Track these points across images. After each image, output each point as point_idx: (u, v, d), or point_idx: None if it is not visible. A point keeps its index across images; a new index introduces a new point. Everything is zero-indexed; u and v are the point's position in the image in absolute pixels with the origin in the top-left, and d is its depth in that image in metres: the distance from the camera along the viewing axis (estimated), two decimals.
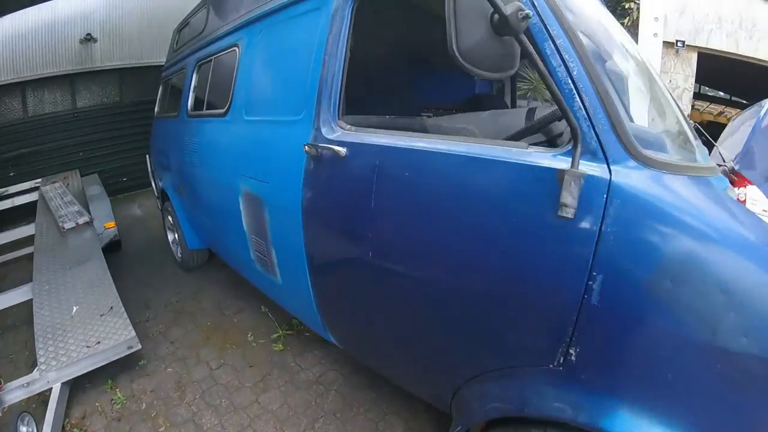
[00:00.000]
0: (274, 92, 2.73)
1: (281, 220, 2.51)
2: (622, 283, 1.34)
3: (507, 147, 1.55)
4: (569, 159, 1.39)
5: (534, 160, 1.46)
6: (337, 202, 2.13)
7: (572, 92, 1.39)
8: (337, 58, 2.09)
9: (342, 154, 1.98)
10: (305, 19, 2.36)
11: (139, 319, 3.88)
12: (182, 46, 4.65)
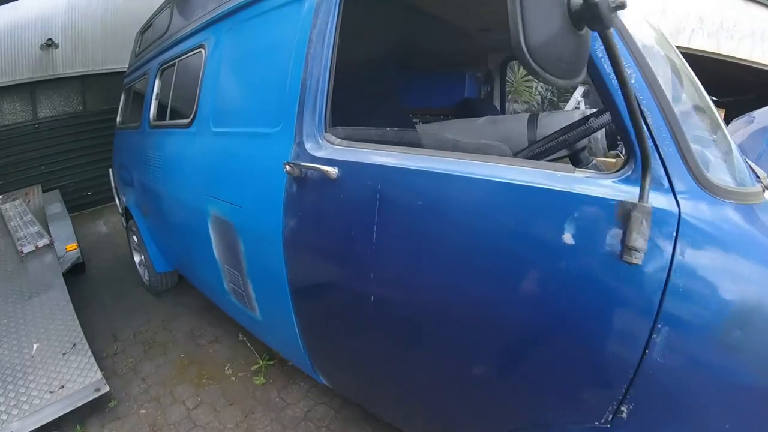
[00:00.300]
0: (245, 99, 2.37)
1: (258, 251, 2.18)
2: (690, 335, 1.16)
3: (550, 170, 1.31)
4: (630, 188, 1.20)
5: (587, 188, 1.24)
6: (328, 233, 1.80)
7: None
8: (322, 58, 1.77)
9: (333, 176, 1.65)
10: (283, 12, 2.02)
11: (106, 352, 3.52)
12: (145, 49, 4.25)
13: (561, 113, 2.90)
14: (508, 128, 2.87)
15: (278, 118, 1.94)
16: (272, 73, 2.04)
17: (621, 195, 1.20)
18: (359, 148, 1.67)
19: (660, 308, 1.16)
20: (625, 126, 1.21)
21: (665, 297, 1.15)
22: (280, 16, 2.04)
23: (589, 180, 1.25)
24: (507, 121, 2.96)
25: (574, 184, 1.25)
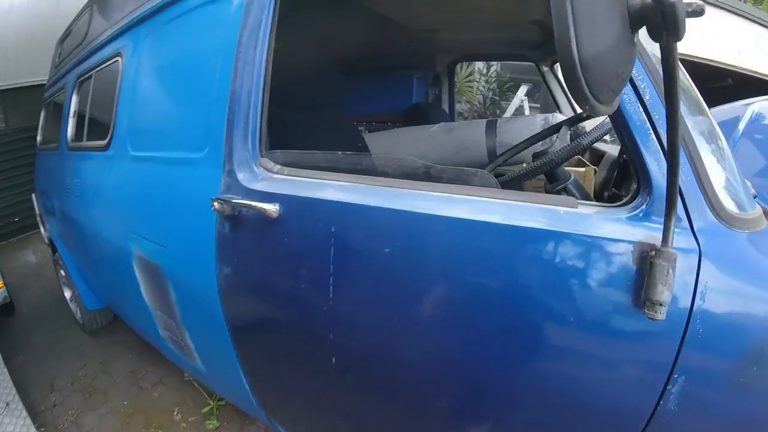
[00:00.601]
0: (166, 118, 2.00)
1: (191, 300, 1.83)
2: (707, 379, 1.08)
3: (550, 206, 1.13)
4: (646, 226, 1.07)
5: (599, 229, 1.08)
6: (272, 286, 1.51)
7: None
8: (254, 65, 1.47)
9: (273, 214, 1.35)
10: (208, 11, 1.71)
11: (44, 404, 3.09)
12: (64, 59, 3.73)
13: (520, 119, 2.69)
14: (465, 136, 2.65)
15: (203, 140, 1.62)
16: (196, 84, 1.72)
17: (638, 235, 1.05)
18: (305, 178, 1.39)
19: (677, 358, 1.04)
20: (643, 157, 1.08)
21: (683, 346, 1.04)
22: (206, 15, 1.73)
23: (598, 217, 1.10)
24: (463, 128, 2.73)
25: (582, 224, 1.08)
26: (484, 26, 3.00)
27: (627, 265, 1.04)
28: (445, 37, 3.28)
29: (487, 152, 2.62)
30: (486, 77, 9.65)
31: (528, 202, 1.14)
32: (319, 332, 1.43)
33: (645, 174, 1.09)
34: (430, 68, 3.99)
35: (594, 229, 1.08)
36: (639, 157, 1.09)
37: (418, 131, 2.75)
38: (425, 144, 2.65)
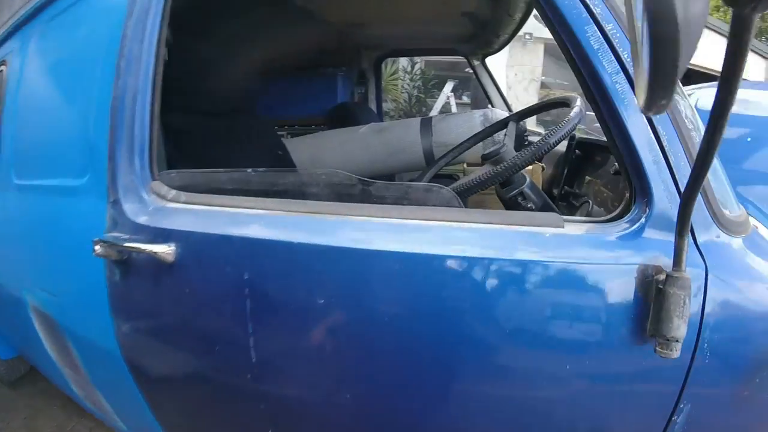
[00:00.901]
0: (48, 136, 1.57)
1: (94, 358, 1.44)
2: (714, 401, 0.99)
3: (533, 227, 0.94)
4: (644, 244, 0.92)
5: (594, 253, 0.92)
6: (180, 345, 1.20)
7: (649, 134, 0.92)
8: (141, 62, 1.16)
9: (168, 258, 1.03)
10: (86, 4, 1.39)
11: None
12: None
13: (458, 116, 2.47)
14: (397, 137, 2.41)
15: (84, 162, 1.27)
16: (75, 91, 1.39)
17: (639, 257, 0.90)
18: (208, 206, 1.07)
19: (684, 387, 0.94)
20: (641, 160, 0.92)
21: (690, 373, 0.92)
22: (90, 4, 1.40)
23: (591, 238, 0.93)
24: (395, 128, 2.49)
25: (573, 249, 0.92)
26: (411, 19, 2.81)
27: (628, 294, 0.90)
28: (371, 32, 3.05)
29: (423, 154, 2.39)
30: (411, 75, 9.52)
31: (503, 224, 0.94)
32: (240, 395, 1.15)
33: (642, 181, 0.92)
34: (355, 65, 3.74)
35: (588, 254, 0.92)
36: (635, 160, 0.92)
37: (346, 134, 2.49)
38: (354, 147, 2.40)
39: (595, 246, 0.93)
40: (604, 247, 0.93)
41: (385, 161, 2.39)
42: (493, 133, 1.77)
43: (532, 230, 0.94)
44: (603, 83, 0.92)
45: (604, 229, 0.95)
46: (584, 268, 0.91)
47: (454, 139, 2.30)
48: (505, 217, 0.98)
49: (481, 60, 3.24)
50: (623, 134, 0.93)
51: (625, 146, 0.93)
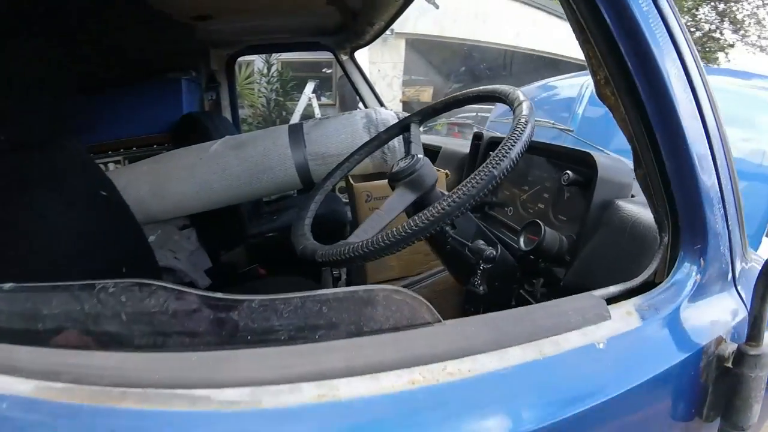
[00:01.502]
0: None
1: None
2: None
3: (564, 333, 0.68)
4: (700, 312, 0.80)
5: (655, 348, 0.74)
6: None
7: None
8: None
9: None
10: None
11: None
12: None
13: (334, 119, 1.97)
14: (262, 152, 1.89)
15: None
16: None
17: (704, 334, 0.77)
18: None
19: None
20: (701, 198, 0.79)
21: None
22: None
23: (652, 326, 0.75)
24: (256, 141, 1.93)
25: (639, 352, 0.73)
26: (269, 9, 2.44)
27: (688, 383, 0.76)
28: (221, 26, 2.59)
29: (297, 170, 1.90)
30: (267, 77, 9.04)
31: (525, 344, 0.65)
32: None
33: (697, 224, 0.80)
34: (203, 67, 3.18)
35: (658, 352, 0.74)
36: (693, 195, 0.79)
37: (195, 153, 1.91)
38: (207, 170, 1.85)
39: (658, 335, 0.75)
40: (669, 330, 0.76)
41: (248, 184, 1.88)
42: (390, 139, 1.44)
43: (578, 344, 0.67)
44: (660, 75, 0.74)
45: (655, 301, 0.78)
46: (655, 378, 0.71)
47: (334, 147, 1.89)
48: (521, 328, 0.68)
49: (349, 54, 3.00)
50: (681, 155, 0.77)
51: (681, 173, 0.78)
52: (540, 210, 1.48)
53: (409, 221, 0.80)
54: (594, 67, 0.80)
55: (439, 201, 0.81)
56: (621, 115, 0.80)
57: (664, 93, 0.74)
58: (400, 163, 1.04)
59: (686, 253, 0.82)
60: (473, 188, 0.80)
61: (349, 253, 0.83)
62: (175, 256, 2.20)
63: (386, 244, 0.80)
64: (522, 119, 0.91)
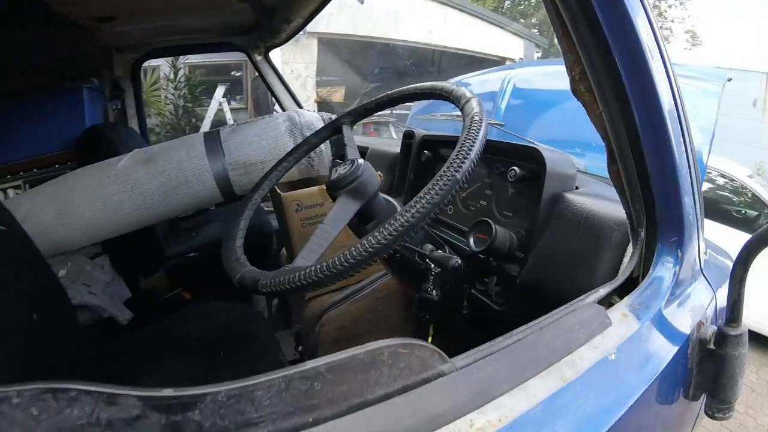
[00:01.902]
0: None
1: None
2: None
3: (577, 351, 0.68)
4: (684, 300, 0.88)
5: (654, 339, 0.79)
6: None
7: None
8: None
9: None
10: None
11: None
12: None
13: (253, 124, 1.82)
14: (176, 165, 1.71)
15: None
16: None
17: (686, 318, 0.84)
18: None
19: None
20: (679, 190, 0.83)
21: None
22: None
23: (649, 326, 0.77)
24: (169, 153, 1.73)
25: (644, 354, 0.76)
26: (178, 8, 2.27)
27: (678, 369, 0.80)
28: (126, 28, 2.36)
29: (216, 182, 1.73)
30: (175, 83, 8.68)
31: (546, 369, 0.63)
32: None
33: (676, 217, 0.84)
34: (106, 73, 2.91)
35: (658, 346, 0.78)
36: (672, 187, 0.82)
37: (102, 171, 1.70)
38: (115, 190, 1.65)
39: (654, 333, 0.79)
40: (661, 326, 0.80)
41: (163, 201, 1.69)
42: (320, 143, 1.37)
43: (592, 360, 0.67)
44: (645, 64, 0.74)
45: (643, 298, 0.81)
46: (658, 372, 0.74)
47: (256, 155, 1.75)
48: (535, 353, 0.65)
49: (264, 55, 2.87)
50: (664, 150, 0.79)
51: (662, 167, 0.80)
52: (483, 207, 1.44)
53: (369, 238, 0.72)
54: (570, 62, 0.79)
55: (401, 213, 0.73)
56: (596, 111, 0.79)
57: (650, 88, 0.74)
58: (339, 169, 0.95)
59: (664, 246, 0.85)
60: (437, 195, 0.73)
61: (300, 280, 0.73)
62: (90, 291, 1.97)
63: (344, 267, 0.71)
64: (475, 117, 0.86)
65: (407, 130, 1.87)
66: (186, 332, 1.50)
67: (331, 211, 0.89)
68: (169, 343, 1.48)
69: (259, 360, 1.41)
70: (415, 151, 1.74)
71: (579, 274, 0.99)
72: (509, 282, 1.24)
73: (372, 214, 1.01)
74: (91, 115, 2.72)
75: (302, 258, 0.81)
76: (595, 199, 1.09)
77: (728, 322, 0.78)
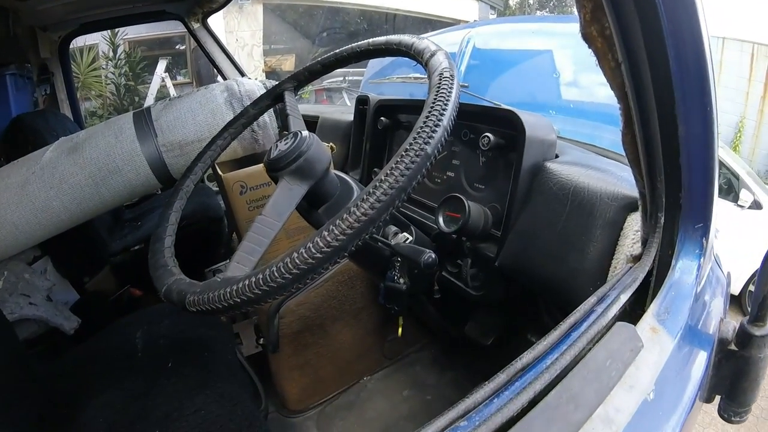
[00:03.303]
0: None
1: None
2: None
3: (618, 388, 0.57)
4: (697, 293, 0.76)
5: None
6: None
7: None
8: None
9: None
10: None
11: None
12: None
13: (187, 98, 1.64)
14: (104, 151, 1.52)
15: None
16: None
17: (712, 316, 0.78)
18: None
19: None
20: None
21: None
22: None
23: (678, 346, 0.66)
24: (97, 137, 1.56)
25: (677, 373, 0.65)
26: None
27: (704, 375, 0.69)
28: (49, 4, 2.19)
29: (150, 167, 1.56)
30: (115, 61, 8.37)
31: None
32: None
33: (705, 200, 0.71)
34: (31, 56, 2.69)
35: (687, 367, 0.67)
36: (703, 169, 0.68)
37: (26, 167, 1.51)
38: (42, 186, 1.47)
39: (687, 347, 0.68)
40: (692, 334, 0.70)
41: (95, 194, 1.51)
42: (260, 114, 1.19)
43: (631, 409, 0.55)
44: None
45: (669, 304, 0.69)
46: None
47: (193, 133, 1.57)
48: (569, 408, 0.52)
49: (201, 21, 2.69)
50: (703, 117, 0.63)
51: (697, 140, 0.64)
52: (451, 179, 1.32)
53: (317, 240, 0.56)
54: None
55: (357, 202, 0.57)
56: (610, 62, 0.60)
57: (695, 31, 0.56)
58: (279, 145, 0.80)
59: (686, 235, 0.72)
60: (403, 176, 0.58)
61: (233, 297, 0.58)
62: (30, 302, 1.79)
63: (286, 280, 0.56)
64: (444, 73, 0.71)
65: (360, 96, 1.73)
66: (133, 343, 1.38)
67: (271, 198, 0.74)
68: (115, 356, 1.36)
69: (215, 360, 1.30)
70: (371, 119, 1.61)
71: (569, 256, 0.88)
72: (485, 264, 1.13)
73: (323, 195, 0.87)
74: (18, 104, 2.56)
75: (237, 263, 0.65)
76: (582, 169, 0.96)
77: (755, 320, 0.68)
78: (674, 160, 0.64)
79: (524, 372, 0.54)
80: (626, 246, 0.81)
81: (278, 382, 1.63)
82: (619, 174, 0.96)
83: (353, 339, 1.67)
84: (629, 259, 0.77)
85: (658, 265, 0.72)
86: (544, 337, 0.61)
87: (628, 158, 0.69)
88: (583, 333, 0.60)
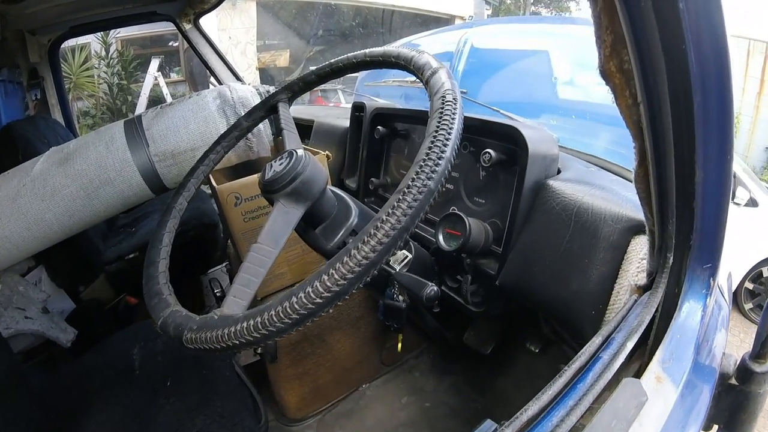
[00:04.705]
0: None
1: None
2: None
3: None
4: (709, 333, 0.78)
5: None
6: None
7: None
8: None
9: None
10: None
11: None
12: None
13: (178, 105, 1.58)
14: (96, 161, 1.47)
15: None
16: None
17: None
18: None
19: None
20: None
21: None
22: None
23: (682, 395, 0.64)
24: (87, 147, 1.50)
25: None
26: None
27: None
28: (38, 7, 2.14)
29: (143, 177, 1.52)
30: (107, 60, 8.30)
31: None
32: None
33: (716, 242, 0.68)
34: (21, 61, 2.64)
35: (692, 412, 0.66)
36: (716, 214, 0.66)
37: (17, 178, 1.46)
38: (35, 198, 1.44)
39: (693, 393, 0.67)
40: (698, 377, 0.68)
41: (88, 206, 1.48)
42: (253, 126, 1.18)
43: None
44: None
45: (675, 350, 0.67)
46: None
47: (185, 142, 1.52)
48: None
49: (193, 22, 2.66)
50: (721, 163, 0.60)
51: (714, 185, 0.62)
52: (450, 192, 1.30)
53: (321, 280, 0.54)
54: (602, 27, 0.53)
55: (362, 241, 0.56)
56: (628, 100, 0.56)
57: (724, 77, 0.52)
58: (273, 165, 0.77)
59: (694, 275, 0.70)
60: (406, 214, 0.56)
61: (231, 339, 0.56)
62: (26, 316, 1.77)
63: (291, 321, 0.54)
64: (447, 95, 0.69)
65: (356, 102, 1.70)
66: (130, 359, 1.37)
67: (266, 224, 0.72)
68: (113, 372, 1.34)
69: (213, 378, 1.29)
70: (368, 127, 1.59)
71: (571, 278, 0.86)
72: (486, 281, 1.11)
73: (320, 215, 0.86)
74: (8, 111, 2.54)
75: (234, 297, 0.63)
76: (586, 188, 0.95)
77: (755, 357, 0.69)
78: (688, 203, 0.63)
79: (531, 429, 0.53)
80: (630, 273, 0.80)
81: (277, 391, 1.63)
82: (623, 194, 0.94)
83: (352, 347, 1.67)
84: (633, 289, 0.76)
85: (664, 305, 0.71)
86: (549, 384, 0.59)
87: (639, 196, 0.67)
88: (589, 389, 0.59)
